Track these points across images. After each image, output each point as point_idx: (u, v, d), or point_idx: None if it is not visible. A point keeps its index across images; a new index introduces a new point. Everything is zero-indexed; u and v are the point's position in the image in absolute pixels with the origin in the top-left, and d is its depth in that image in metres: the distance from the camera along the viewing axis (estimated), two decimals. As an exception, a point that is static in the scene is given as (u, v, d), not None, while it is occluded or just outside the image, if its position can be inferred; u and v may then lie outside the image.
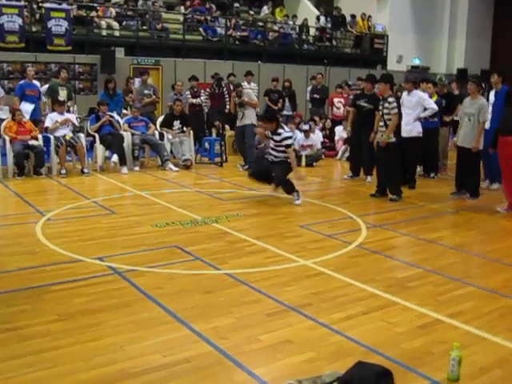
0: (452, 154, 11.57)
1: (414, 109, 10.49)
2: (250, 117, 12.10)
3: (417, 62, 25.55)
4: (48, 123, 11.17)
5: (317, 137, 13.83)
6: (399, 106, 9.27)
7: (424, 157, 11.46)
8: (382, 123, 9.29)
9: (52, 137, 10.98)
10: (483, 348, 4.19)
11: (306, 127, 13.47)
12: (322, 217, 8.13)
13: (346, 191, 10.24)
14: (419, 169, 11.78)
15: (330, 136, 14.92)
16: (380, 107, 9.37)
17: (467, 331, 4.46)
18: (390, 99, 9.21)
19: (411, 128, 10.42)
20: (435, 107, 10.69)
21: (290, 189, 9.05)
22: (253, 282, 5.36)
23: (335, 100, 15.72)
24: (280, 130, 9.12)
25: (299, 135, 13.47)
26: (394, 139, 9.13)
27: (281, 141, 9.08)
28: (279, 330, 4.34)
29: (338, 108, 15.64)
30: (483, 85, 10.74)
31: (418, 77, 15.37)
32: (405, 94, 10.88)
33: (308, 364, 3.87)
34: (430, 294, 5.21)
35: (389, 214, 8.44)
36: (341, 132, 14.54)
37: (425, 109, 10.62)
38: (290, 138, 9.17)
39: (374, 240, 6.99)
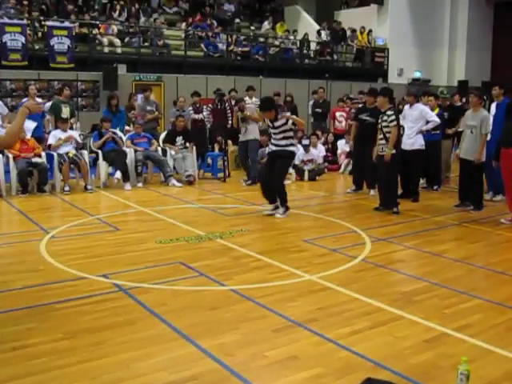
0: (455, 167, 11.56)
1: (417, 122, 10.52)
2: (252, 132, 12.14)
3: (418, 74, 25.66)
4: (51, 140, 11.22)
5: (319, 151, 13.85)
6: (398, 119, 9.29)
7: (427, 169, 11.47)
8: (381, 136, 9.32)
9: (55, 154, 11.02)
10: (491, 361, 4.17)
11: (306, 142, 13.48)
12: (326, 231, 8.12)
13: (350, 205, 10.24)
14: (422, 181, 11.79)
15: (332, 150, 14.95)
16: (379, 120, 9.40)
17: (475, 344, 4.44)
18: (389, 112, 9.24)
19: (413, 141, 10.44)
20: (437, 120, 10.73)
21: (282, 198, 9.01)
22: (258, 297, 5.35)
23: (337, 114, 15.77)
24: (278, 117, 8.95)
25: (301, 150, 13.48)
26: (394, 151, 9.17)
27: (281, 125, 8.91)
28: (285, 346, 4.33)
29: (340, 122, 15.69)
30: (485, 97, 10.77)
31: (420, 90, 15.44)
32: (406, 107, 10.92)
33: (315, 380, 3.85)
34: (436, 308, 5.19)
35: (393, 228, 8.43)
36: (343, 145, 14.57)
37: (427, 122, 10.65)
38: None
39: (378, 254, 6.98)
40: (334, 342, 4.42)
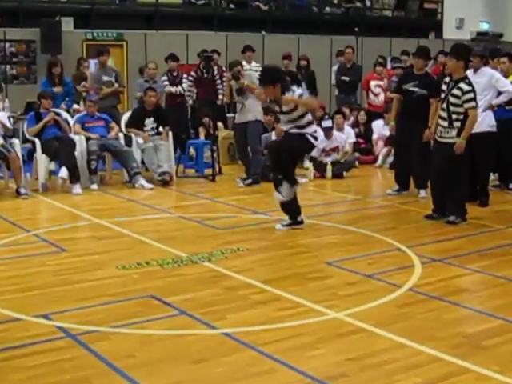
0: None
1: (484, 94, 10.51)
2: (253, 109, 12.13)
3: (485, 26, 25.66)
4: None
5: (347, 136, 13.84)
6: (476, 98, 9.22)
7: (500, 160, 11.44)
8: (443, 114, 9.23)
9: (-27, 145, 11.02)
10: None
11: (327, 124, 13.44)
12: (357, 249, 8.09)
13: (392, 212, 10.22)
14: (493, 177, 11.76)
15: (365, 134, 14.95)
16: (444, 88, 9.30)
17: None
18: (464, 86, 9.09)
19: (480, 120, 10.40)
20: (513, 90, 10.71)
21: (288, 198, 8.88)
22: (263, 344, 5.32)
23: (372, 83, 15.79)
24: (289, 94, 8.64)
25: (321, 135, 13.47)
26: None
27: (290, 110, 8.74)
28: (302, 414, 4.31)
29: (377, 95, 15.71)
30: None
31: (488, 48, 15.43)
32: (469, 72, 10.88)
33: None
34: (515, 357, 5.17)
35: (453, 243, 8.40)
36: (381, 128, 14.57)
37: (499, 93, 10.63)
38: (302, 95, 8.73)
39: (432, 281, 6.95)
40: (371, 406, 4.40)
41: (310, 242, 8.49)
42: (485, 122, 10.47)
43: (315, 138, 9.00)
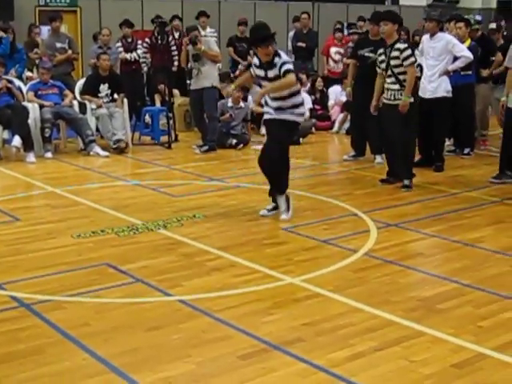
0: (494, 122, 11.63)
1: (440, 59, 10.54)
2: (209, 76, 12.06)
3: (441, -8, 25.72)
4: None
5: (304, 103, 13.80)
6: (414, 54, 9.30)
7: (455, 126, 11.52)
8: (390, 79, 9.29)
9: None
10: (546, 392, 4.21)
11: None
12: (314, 215, 8.11)
13: (348, 178, 10.25)
14: (448, 142, 11.84)
15: (322, 101, 14.94)
16: (384, 57, 9.36)
17: (523, 369, 4.48)
18: (400, 45, 9.22)
19: (436, 85, 10.47)
20: (469, 55, 10.74)
21: (282, 183, 8.09)
22: (218, 311, 5.32)
23: (332, 50, 15.77)
24: (276, 59, 7.76)
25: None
26: (412, 99, 9.18)
27: (276, 77, 7.78)
28: (258, 379, 4.31)
29: (337, 62, 15.69)
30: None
31: (445, 14, 15.47)
32: (425, 37, 10.92)
33: (300, 425, 3.86)
34: (469, 319, 5.22)
35: (408, 208, 8.47)
36: (337, 94, 14.57)
37: (455, 58, 10.67)
38: (287, 62, 7.82)
39: (388, 245, 7.00)
40: (327, 370, 4.42)
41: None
42: (441, 87, 10.51)
43: (298, 107, 8.12)
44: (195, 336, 4.91)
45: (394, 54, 9.23)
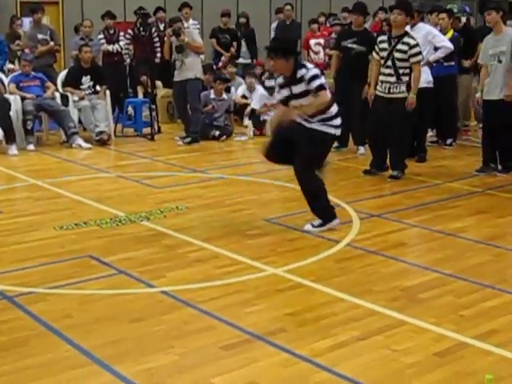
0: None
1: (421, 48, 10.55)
2: (192, 67, 12.04)
3: (423, -17, 25.72)
4: None
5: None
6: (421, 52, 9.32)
7: (437, 116, 11.55)
8: (388, 70, 9.22)
9: None
10: (526, 380, 4.24)
11: (271, 83, 13.42)
12: (296, 206, 8.10)
13: (331, 169, 10.25)
14: (431, 133, 11.88)
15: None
16: (386, 45, 9.29)
17: (503, 357, 4.50)
18: (409, 40, 9.17)
19: (417, 76, 10.48)
20: (450, 45, 10.76)
21: (317, 202, 7.32)
22: (201, 302, 5.33)
23: (312, 42, 15.80)
24: (301, 71, 7.00)
25: (261, 92, 13.43)
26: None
27: (304, 92, 7.09)
28: (241, 369, 4.32)
29: (317, 53, 15.71)
30: None
31: (425, 5, 15.49)
32: (405, 28, 10.91)
33: (283, 415, 3.87)
34: (450, 308, 5.25)
35: (391, 199, 8.51)
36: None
37: (435, 49, 10.69)
38: (318, 76, 7.03)
39: (370, 235, 7.03)
40: (310, 360, 4.44)
41: (250, 199, 8.49)
42: (422, 77, 10.49)
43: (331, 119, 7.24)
44: (178, 327, 4.92)
45: (402, 47, 9.18)
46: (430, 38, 10.61)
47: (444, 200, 8.44)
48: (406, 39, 9.22)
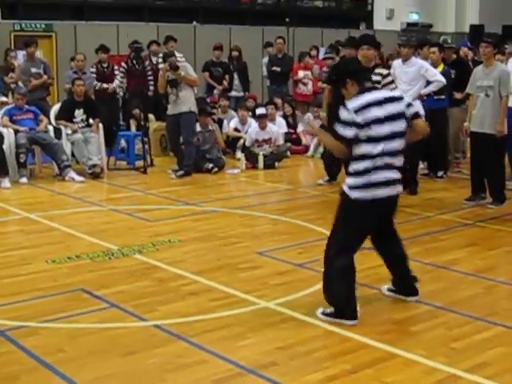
0: (467, 145, 11.77)
1: (413, 83, 10.64)
2: (186, 101, 12.08)
3: (414, 17, 25.96)
4: None
5: (278, 126, 13.90)
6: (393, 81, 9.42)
7: (428, 149, 11.63)
8: None
9: None
10: (517, 413, 4.27)
11: (261, 110, 13.52)
12: (288, 239, 8.15)
13: (323, 202, 10.29)
14: (422, 166, 11.93)
15: (295, 125, 15.02)
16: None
17: (494, 390, 4.53)
18: (381, 70, 9.33)
19: (409, 110, 10.55)
20: (442, 79, 10.86)
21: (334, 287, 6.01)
22: (193, 335, 5.35)
23: (301, 74, 15.87)
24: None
25: (254, 125, 13.51)
26: None
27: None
28: (233, 403, 4.34)
29: (306, 84, 15.80)
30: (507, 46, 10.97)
31: (418, 39, 15.64)
32: (397, 63, 11.01)
33: None
34: (441, 341, 5.28)
35: (382, 231, 8.53)
36: (308, 118, 14.67)
37: (428, 82, 10.79)
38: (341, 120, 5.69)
39: (362, 268, 6.95)
40: (301, 393, 4.45)
41: (242, 232, 8.51)
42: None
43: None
44: (171, 361, 4.93)
45: (376, 78, 9.28)
46: (423, 71, 10.70)
47: (435, 232, 8.48)
48: (378, 70, 9.37)
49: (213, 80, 15.75)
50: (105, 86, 14.22)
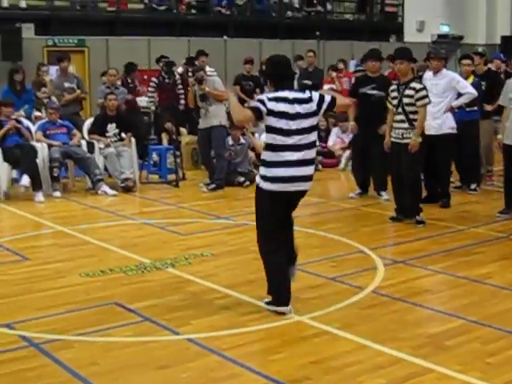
0: (499, 158, 11.66)
1: (444, 95, 10.61)
2: (217, 115, 12.13)
3: (445, 29, 25.88)
4: None
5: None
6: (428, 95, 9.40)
7: (460, 162, 11.56)
8: (400, 117, 9.33)
9: None
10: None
11: None
12: (321, 252, 8.14)
13: (354, 214, 10.27)
14: (453, 179, 11.87)
15: (326, 138, 15.02)
16: (395, 95, 9.43)
17: (531, 406, 4.49)
18: (416, 85, 9.29)
19: (441, 122, 10.51)
20: (473, 92, 10.81)
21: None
22: (226, 349, 5.34)
23: (325, 87, 15.88)
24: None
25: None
26: (420, 139, 9.23)
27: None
28: (266, 417, 4.33)
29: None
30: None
31: (449, 50, 15.59)
32: (428, 75, 10.98)
33: None
34: (476, 356, 5.23)
35: (415, 245, 8.48)
36: (339, 134, 14.66)
37: (459, 94, 10.74)
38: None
39: (395, 282, 7.01)
40: (335, 408, 4.44)
41: (274, 245, 8.50)
42: (445, 124, 10.56)
43: None
44: (203, 375, 4.94)
45: (409, 92, 9.27)
46: (454, 83, 10.67)
47: (468, 246, 8.42)
48: (412, 84, 9.33)
49: (243, 93, 15.78)
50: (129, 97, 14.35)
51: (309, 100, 6.15)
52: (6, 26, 17.22)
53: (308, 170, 6.21)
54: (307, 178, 6.23)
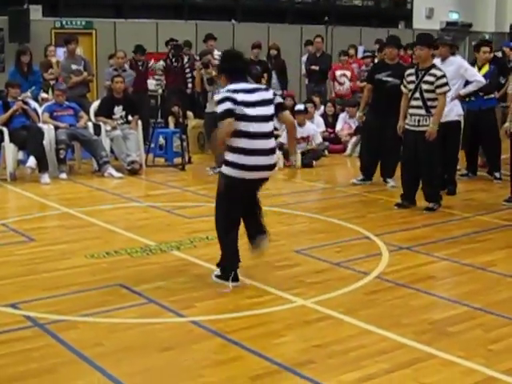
0: (505, 146, 11.65)
1: (452, 82, 10.51)
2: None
3: (454, 16, 25.80)
4: None
5: (316, 125, 13.88)
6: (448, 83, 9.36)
7: (471, 150, 11.54)
8: (417, 103, 9.25)
9: None
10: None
11: (299, 107, 13.48)
12: (326, 238, 8.15)
13: (360, 201, 10.26)
14: (459, 167, 11.85)
15: (334, 124, 15.00)
16: (412, 79, 9.35)
17: (533, 393, 4.49)
18: (436, 71, 9.21)
19: (448, 109, 10.46)
20: (481, 79, 10.78)
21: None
22: (230, 332, 5.36)
23: (338, 73, 15.86)
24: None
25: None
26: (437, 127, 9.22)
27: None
28: (269, 400, 4.34)
29: (342, 84, 15.76)
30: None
31: (457, 38, 15.55)
32: (436, 61, 10.93)
33: None
34: (479, 342, 5.24)
35: (420, 232, 8.48)
36: (346, 119, 14.63)
37: (466, 82, 10.71)
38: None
39: (399, 268, 7.02)
40: (338, 392, 4.45)
41: (279, 230, 8.47)
42: (453, 111, 10.54)
43: None
44: (207, 357, 4.96)
45: (429, 78, 9.21)
46: (462, 71, 10.64)
47: (473, 233, 8.42)
48: (433, 71, 9.26)
49: (251, 77, 15.72)
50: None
51: (266, 89, 6.70)
52: (13, 8, 17.19)
53: (268, 160, 6.45)
54: (268, 168, 6.51)
